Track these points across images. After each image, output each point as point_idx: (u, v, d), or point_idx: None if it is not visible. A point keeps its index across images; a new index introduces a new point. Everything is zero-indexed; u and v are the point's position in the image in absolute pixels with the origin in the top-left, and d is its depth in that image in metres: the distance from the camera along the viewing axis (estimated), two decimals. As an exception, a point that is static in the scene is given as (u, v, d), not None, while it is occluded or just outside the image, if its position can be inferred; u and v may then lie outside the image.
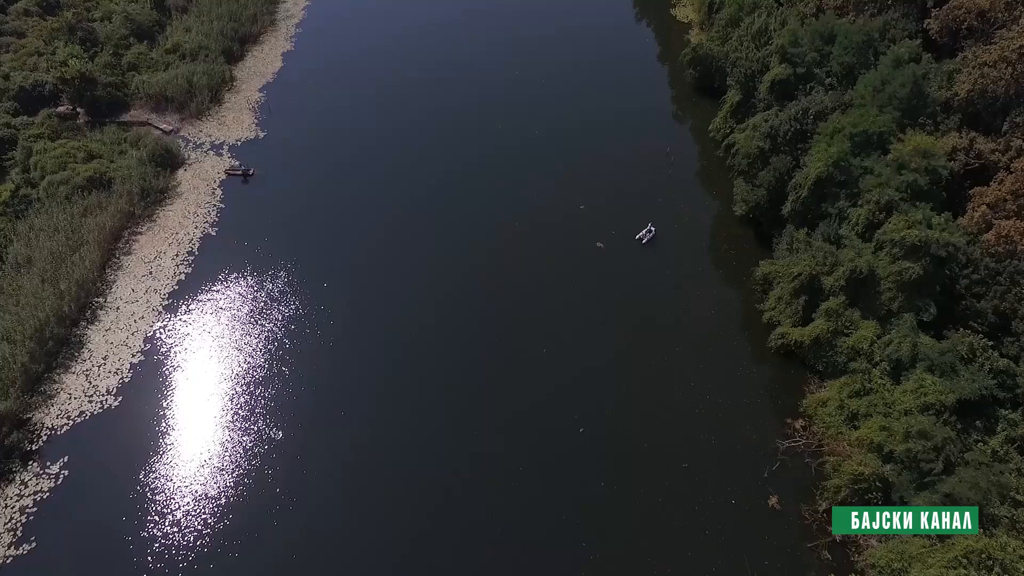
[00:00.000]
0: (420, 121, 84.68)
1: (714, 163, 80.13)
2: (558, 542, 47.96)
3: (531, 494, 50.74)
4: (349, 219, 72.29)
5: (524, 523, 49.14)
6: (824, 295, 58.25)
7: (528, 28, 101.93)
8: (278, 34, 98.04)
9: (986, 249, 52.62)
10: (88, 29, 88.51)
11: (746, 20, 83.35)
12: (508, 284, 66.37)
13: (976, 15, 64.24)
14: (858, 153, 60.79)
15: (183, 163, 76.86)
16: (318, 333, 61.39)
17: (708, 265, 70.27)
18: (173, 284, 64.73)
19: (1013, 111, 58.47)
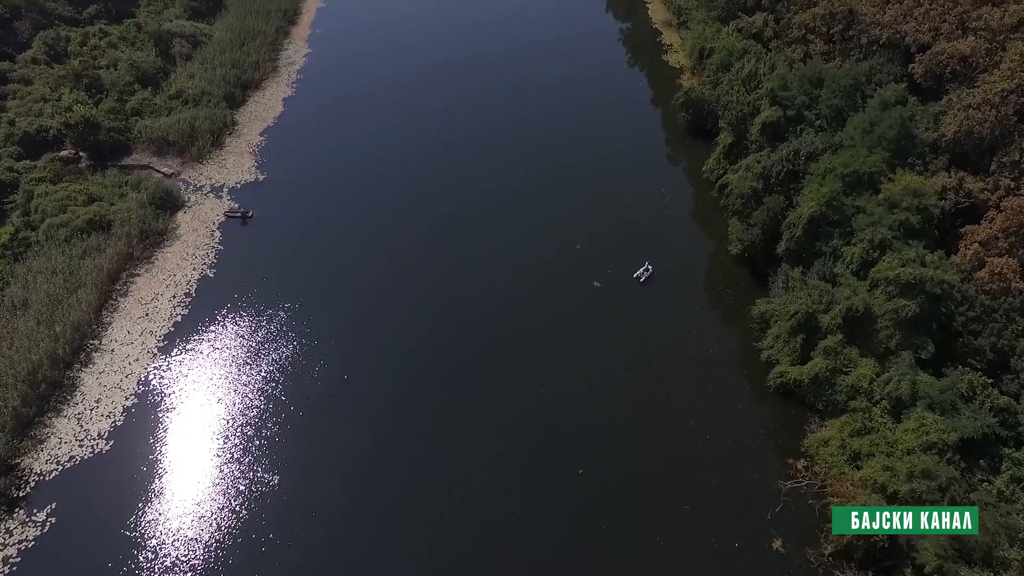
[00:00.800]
0: (417, 163, 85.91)
1: (708, 203, 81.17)
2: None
3: (529, 537, 49.62)
4: (347, 260, 72.62)
5: (522, 568, 47.85)
6: (822, 333, 58.33)
7: (524, 72, 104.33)
8: (279, 80, 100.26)
9: (980, 286, 52.98)
10: (94, 76, 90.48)
11: (736, 65, 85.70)
12: (505, 324, 66.31)
13: (958, 60, 66.29)
14: (850, 192, 61.76)
15: (183, 206, 77.55)
16: (314, 375, 60.94)
17: (705, 304, 70.43)
18: (169, 326, 64.48)
19: (1000, 151, 59.72)
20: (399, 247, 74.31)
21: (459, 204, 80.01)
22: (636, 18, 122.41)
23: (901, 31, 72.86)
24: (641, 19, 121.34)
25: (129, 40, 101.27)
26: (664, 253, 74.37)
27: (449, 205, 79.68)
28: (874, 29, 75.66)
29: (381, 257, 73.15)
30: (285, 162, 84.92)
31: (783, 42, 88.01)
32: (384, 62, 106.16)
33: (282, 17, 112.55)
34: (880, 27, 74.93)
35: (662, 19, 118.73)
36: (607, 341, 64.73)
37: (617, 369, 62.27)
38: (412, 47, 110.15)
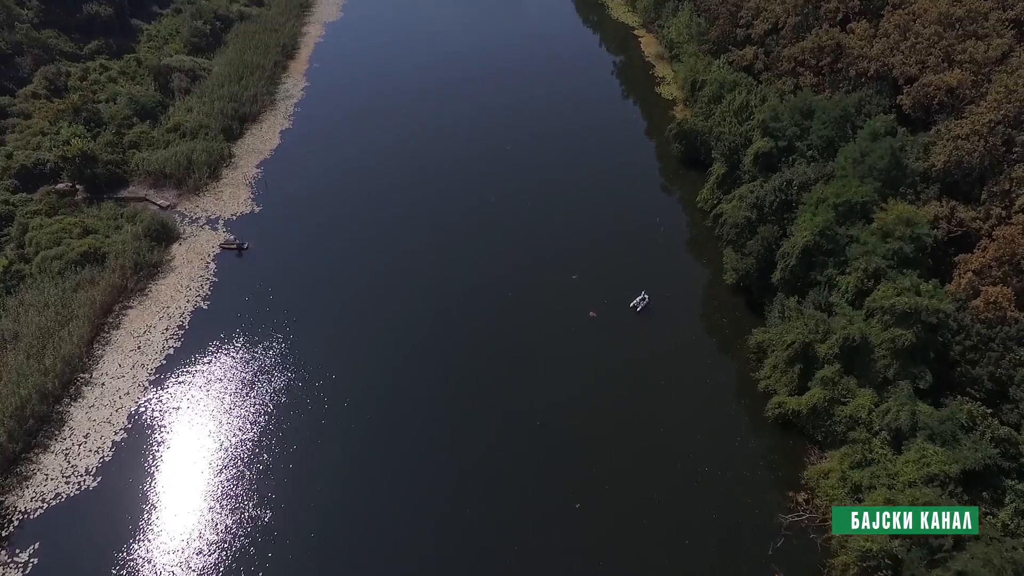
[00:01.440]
0: (412, 194, 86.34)
1: (703, 232, 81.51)
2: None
3: (526, 574, 48.47)
4: (342, 291, 72.37)
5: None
6: (819, 363, 57.95)
7: (519, 103, 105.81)
8: (277, 113, 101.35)
9: (976, 315, 52.85)
10: (93, 110, 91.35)
11: (727, 97, 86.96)
12: (500, 355, 65.83)
13: (945, 91, 67.28)
14: (843, 222, 62.04)
15: (178, 238, 77.56)
16: (308, 407, 60.14)
17: (702, 333, 70.14)
18: (161, 359, 63.83)
19: (990, 181, 60.23)
20: (394, 279, 74.19)
21: (454, 235, 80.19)
22: (629, 52, 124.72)
23: (888, 64, 74.13)
24: (634, 53, 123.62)
25: (129, 75, 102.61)
26: (660, 282, 74.35)
27: (443, 237, 79.82)
28: (862, 62, 76.98)
29: (376, 288, 72.96)
30: (281, 194, 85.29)
31: (773, 74, 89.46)
32: (381, 95, 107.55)
33: (280, 52, 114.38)
34: (868, 60, 76.26)
35: (654, 52, 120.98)
36: (603, 372, 64.21)
37: (614, 400, 61.66)
38: (409, 79, 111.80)
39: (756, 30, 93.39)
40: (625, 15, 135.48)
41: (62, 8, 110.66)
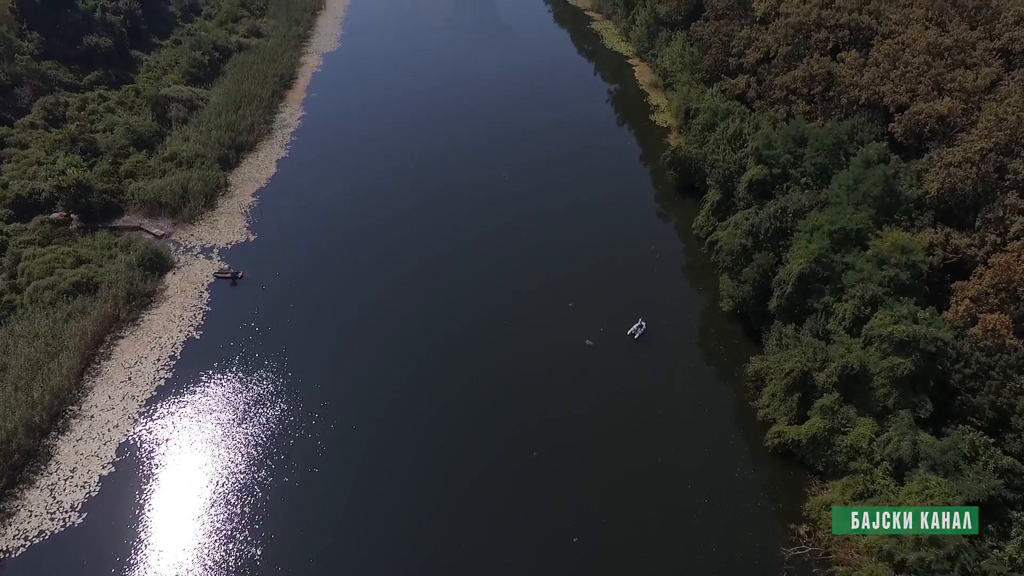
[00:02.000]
0: (408, 223, 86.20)
1: (699, 259, 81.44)
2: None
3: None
4: (337, 320, 71.79)
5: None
6: (818, 392, 57.37)
7: (515, 131, 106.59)
8: (273, 141, 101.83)
9: (975, 343, 52.47)
10: (90, 140, 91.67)
11: (721, 125, 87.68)
12: (497, 384, 65.11)
13: (936, 119, 67.93)
14: (838, 249, 61.99)
15: (172, 267, 77.14)
16: (300, 438, 59.11)
17: (699, 361, 69.58)
18: (152, 390, 62.90)
19: (983, 208, 60.40)
20: (389, 308, 73.71)
21: (449, 264, 79.97)
22: (623, 80, 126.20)
23: (879, 92, 74.97)
24: (628, 81, 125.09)
25: (127, 105, 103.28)
26: (656, 309, 73.98)
27: (439, 265, 79.58)
28: (853, 90, 77.85)
29: (371, 318, 72.42)
30: (276, 223, 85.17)
31: (766, 102, 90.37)
32: (378, 124, 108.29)
33: (278, 82, 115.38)
34: (859, 88, 77.13)
35: (648, 81, 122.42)
36: (600, 401, 63.47)
37: (611, 429, 60.83)
38: (405, 108, 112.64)
39: (748, 59, 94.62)
40: (619, 44, 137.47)
41: (63, 40, 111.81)
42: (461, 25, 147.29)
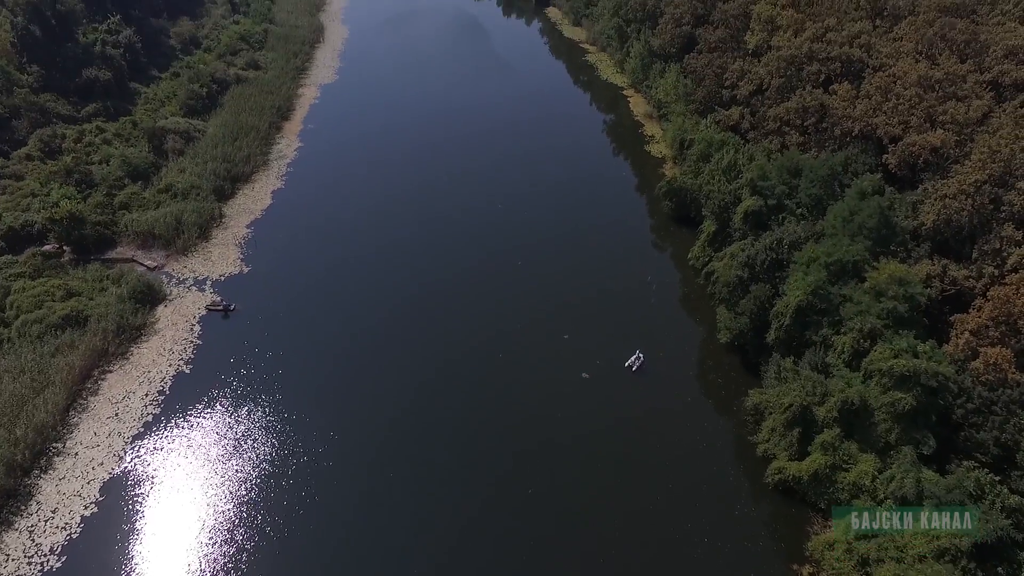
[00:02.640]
0: (403, 254, 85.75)
1: (695, 290, 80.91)
2: None
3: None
4: (330, 354, 70.83)
5: None
6: (818, 427, 56.30)
7: (511, 161, 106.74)
8: (269, 173, 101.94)
9: (976, 377, 51.62)
10: (85, 171, 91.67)
11: (715, 156, 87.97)
12: (491, 420, 63.91)
13: (930, 151, 68.09)
14: (835, 281, 61.51)
15: (164, 299, 76.36)
16: (291, 476, 57.66)
17: (697, 394, 68.55)
18: (139, 426, 61.59)
19: (980, 239, 60.09)
20: (383, 341, 72.83)
21: (444, 295, 79.32)
22: (618, 111, 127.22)
23: (872, 124, 75.31)
24: (623, 112, 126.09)
25: (124, 136, 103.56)
26: (654, 341, 73.18)
27: (434, 298, 78.92)
28: (846, 122, 78.24)
29: (365, 351, 71.46)
30: (270, 254, 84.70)
31: (760, 133, 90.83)
32: (374, 155, 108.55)
33: (275, 113, 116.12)
34: (852, 120, 77.52)
35: (643, 112, 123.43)
36: (598, 436, 62.28)
37: (609, 466, 59.56)
38: (402, 139, 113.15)
39: (741, 91, 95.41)
40: (614, 76, 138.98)
41: (62, 72, 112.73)
42: (458, 57, 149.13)
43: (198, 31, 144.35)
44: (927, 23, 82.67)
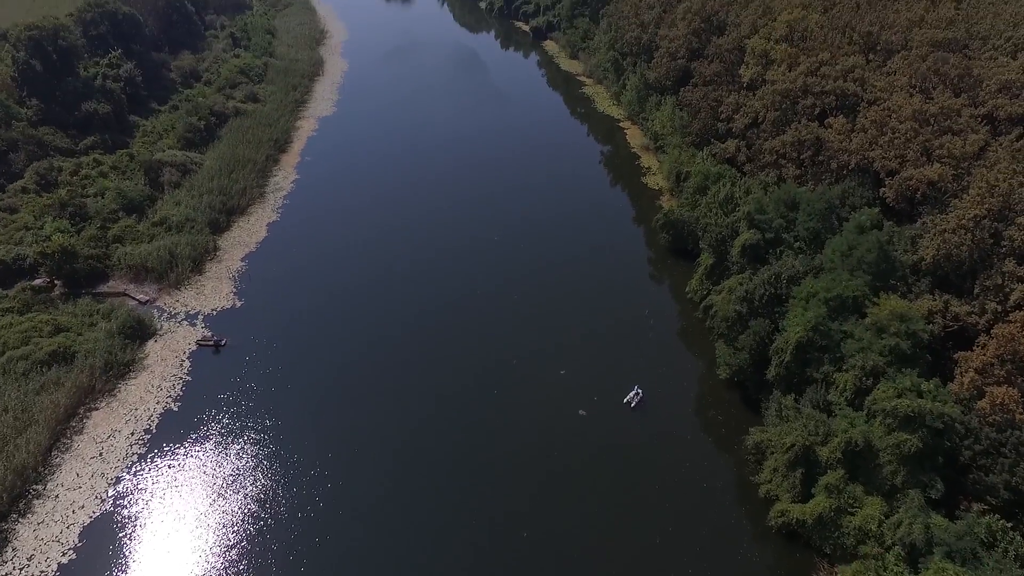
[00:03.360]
0: (397, 290, 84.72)
1: (693, 324, 79.82)
2: None
3: None
4: (322, 390, 69.34)
5: None
6: (821, 467, 54.68)
7: (508, 194, 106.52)
8: (265, 205, 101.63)
9: (983, 418, 50.22)
10: (80, 204, 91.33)
11: (712, 188, 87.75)
12: (485, 461, 62.21)
13: (927, 184, 67.66)
14: (835, 317, 60.46)
15: (154, 334, 75.17)
16: (284, 519, 55.78)
17: (697, 431, 66.97)
18: (123, 466, 59.88)
19: (981, 275, 59.22)
20: (377, 376, 71.47)
21: (439, 330, 78.18)
22: (615, 142, 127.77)
23: (868, 157, 75.10)
24: (620, 143, 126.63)
25: (121, 169, 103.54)
26: (652, 376, 71.89)
27: (428, 332, 77.78)
28: (842, 155, 78.06)
29: (358, 387, 70.05)
30: (264, 288, 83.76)
31: (756, 166, 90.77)
32: (370, 187, 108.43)
33: (273, 146, 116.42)
34: (848, 153, 77.34)
35: (639, 144, 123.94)
36: (595, 477, 60.60)
37: (607, 508, 57.75)
38: (398, 171, 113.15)
39: (737, 124, 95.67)
40: (610, 108, 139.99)
41: (62, 106, 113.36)
42: (457, 90, 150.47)
43: (199, 64, 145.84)
44: (920, 58, 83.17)
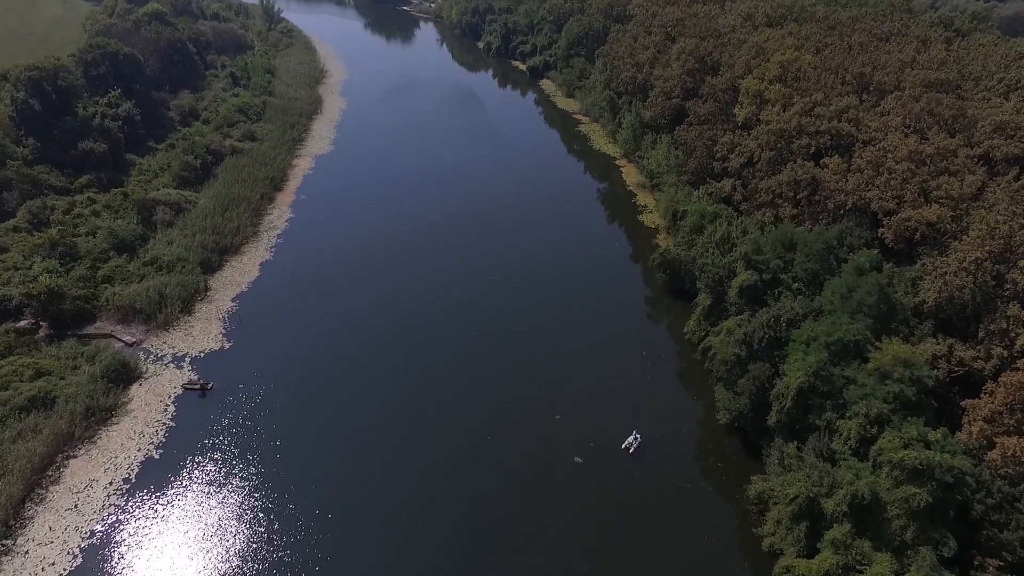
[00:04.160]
0: (391, 332, 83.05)
1: (692, 366, 78.11)
2: None
3: None
4: (310, 435, 67.18)
5: None
6: (827, 520, 52.35)
7: (501, 230, 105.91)
8: (259, 244, 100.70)
9: (995, 470, 48.21)
10: (70, 244, 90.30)
11: (709, 228, 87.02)
12: (479, 513, 59.80)
13: (926, 225, 66.83)
14: (837, 362, 58.88)
15: (139, 377, 73.26)
16: (269, 571, 53.28)
17: (697, 478, 64.73)
18: (99, 518, 57.41)
19: (985, 318, 57.84)
20: (367, 422, 69.45)
21: (433, 374, 76.36)
22: (611, 179, 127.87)
23: (865, 198, 74.50)
24: (616, 180, 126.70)
25: (114, 208, 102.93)
26: (650, 421, 69.95)
27: (422, 376, 76.00)
28: (839, 195, 77.52)
29: (348, 433, 67.93)
30: (254, 329, 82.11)
31: (752, 205, 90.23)
32: (365, 226, 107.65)
33: (268, 184, 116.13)
34: (844, 194, 76.81)
35: (635, 181, 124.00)
36: (593, 531, 58.23)
37: (605, 561, 55.22)
38: (395, 209, 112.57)
39: (732, 163, 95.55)
40: (606, 146, 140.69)
41: (58, 145, 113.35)
42: (454, 128, 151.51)
43: (198, 103, 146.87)
44: (913, 98, 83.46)
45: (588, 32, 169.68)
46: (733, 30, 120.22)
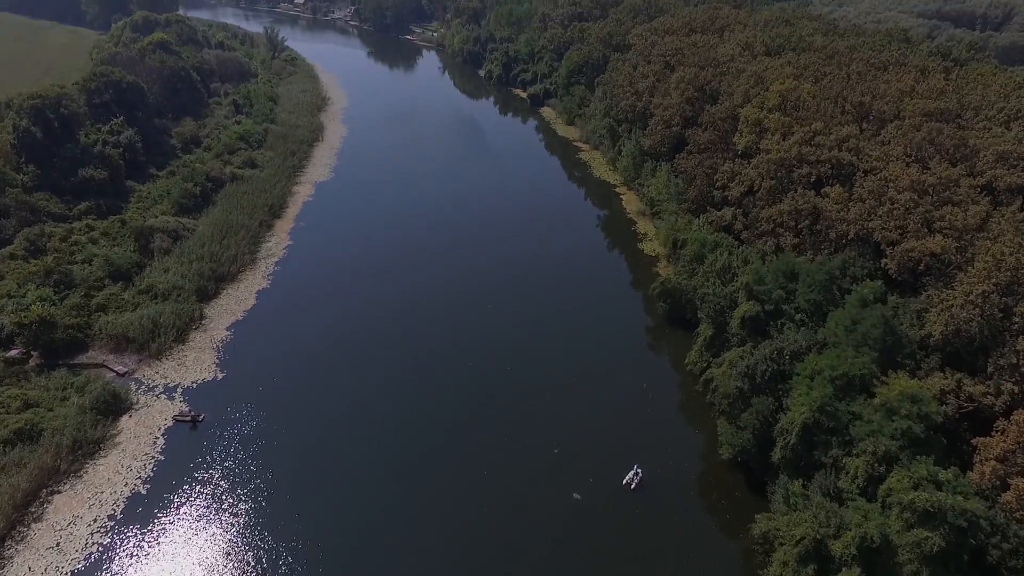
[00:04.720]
0: (386, 361, 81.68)
1: (694, 398, 76.47)
2: None
3: None
4: (302, 469, 65.46)
5: None
6: (835, 563, 50.29)
7: (500, 259, 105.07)
8: (256, 272, 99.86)
9: (1010, 513, 46.35)
10: (65, 272, 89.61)
11: (709, 257, 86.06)
12: (475, 551, 57.77)
13: (930, 256, 65.73)
14: (842, 397, 57.34)
15: (129, 409, 71.85)
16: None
17: (700, 516, 62.78)
18: (81, 558, 55.55)
19: (993, 352, 56.41)
20: (360, 457, 67.75)
21: (429, 408, 74.73)
22: (611, 207, 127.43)
23: (868, 228, 73.55)
24: (616, 208, 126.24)
25: (111, 235, 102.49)
26: (651, 455, 68.15)
27: (415, 405, 74.50)
28: (840, 225, 76.59)
29: (341, 468, 66.16)
30: (248, 359, 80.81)
31: (753, 234, 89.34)
32: (363, 255, 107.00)
33: (267, 211, 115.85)
34: (846, 223, 75.89)
35: (635, 209, 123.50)
36: (591, 568, 56.05)
37: (602, 609, 53.07)
38: (394, 237, 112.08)
39: (733, 192, 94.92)
40: (606, 173, 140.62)
41: (58, 172, 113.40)
42: (455, 155, 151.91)
43: (200, 131, 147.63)
44: (913, 127, 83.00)
45: (588, 61, 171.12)
46: (732, 59, 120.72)
